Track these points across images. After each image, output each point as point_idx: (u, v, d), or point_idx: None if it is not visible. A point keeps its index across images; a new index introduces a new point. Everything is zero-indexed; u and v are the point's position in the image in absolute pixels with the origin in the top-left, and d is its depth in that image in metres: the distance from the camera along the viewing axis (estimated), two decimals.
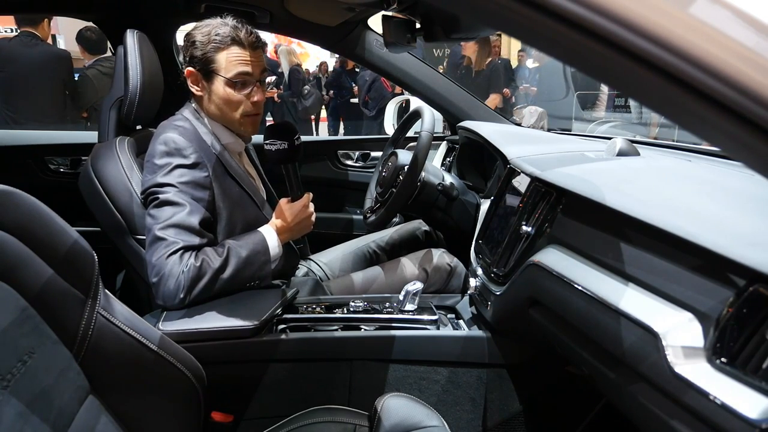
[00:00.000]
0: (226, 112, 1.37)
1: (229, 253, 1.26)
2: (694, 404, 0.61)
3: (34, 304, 0.70)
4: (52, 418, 0.69)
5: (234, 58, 1.32)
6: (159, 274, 1.19)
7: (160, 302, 1.21)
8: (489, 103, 4.62)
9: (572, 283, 0.87)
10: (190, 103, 1.41)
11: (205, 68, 1.33)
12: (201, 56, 1.32)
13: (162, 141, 1.29)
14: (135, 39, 1.39)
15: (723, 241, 0.64)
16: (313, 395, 1.25)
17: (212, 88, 1.35)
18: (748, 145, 0.38)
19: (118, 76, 1.42)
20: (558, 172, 1.10)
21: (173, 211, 1.22)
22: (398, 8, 1.26)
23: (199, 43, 1.32)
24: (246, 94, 1.35)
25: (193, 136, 1.32)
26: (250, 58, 1.33)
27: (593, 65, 0.41)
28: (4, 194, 0.69)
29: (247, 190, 1.41)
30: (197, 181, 1.28)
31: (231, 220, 1.34)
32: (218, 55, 1.32)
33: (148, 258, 1.21)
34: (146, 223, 1.24)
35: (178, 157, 1.27)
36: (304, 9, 1.82)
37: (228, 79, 1.32)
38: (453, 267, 1.67)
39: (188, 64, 1.35)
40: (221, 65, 1.32)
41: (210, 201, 1.30)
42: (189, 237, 1.22)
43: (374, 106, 6.15)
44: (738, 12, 0.38)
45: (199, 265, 1.20)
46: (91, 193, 1.34)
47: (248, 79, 1.34)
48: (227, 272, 1.24)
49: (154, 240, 1.21)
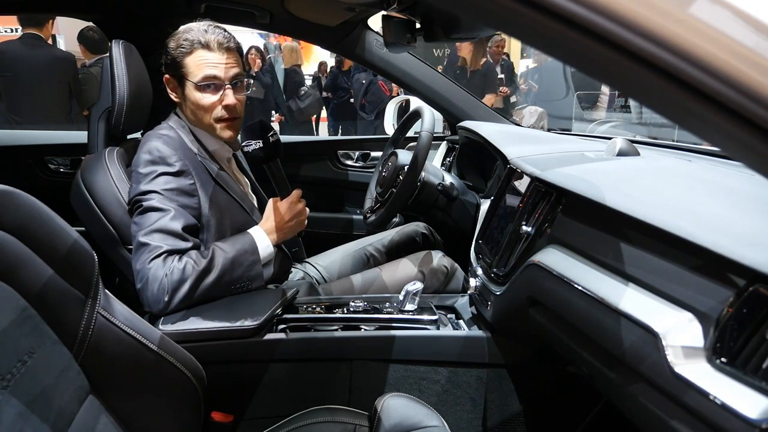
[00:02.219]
0: (200, 117, 1.35)
1: (214, 253, 1.25)
2: (694, 404, 0.61)
3: (34, 304, 0.70)
4: (52, 418, 0.69)
5: (200, 62, 1.30)
6: (143, 279, 1.18)
7: (146, 308, 1.20)
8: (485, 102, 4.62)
9: (572, 283, 0.87)
10: (175, 111, 1.41)
11: (176, 74, 1.33)
12: (171, 62, 1.32)
13: (146, 150, 1.28)
14: (121, 49, 1.39)
15: (723, 241, 0.64)
16: (313, 395, 1.25)
17: (186, 94, 1.34)
18: (748, 145, 0.38)
19: (105, 86, 1.42)
20: (558, 172, 1.10)
21: (157, 217, 1.21)
22: (398, 8, 1.26)
23: (171, 49, 1.32)
24: (217, 98, 1.32)
25: (177, 144, 1.31)
26: (218, 61, 1.31)
27: (593, 65, 0.41)
28: (4, 194, 0.69)
29: (235, 197, 1.39)
30: (182, 188, 1.27)
31: (220, 227, 1.33)
32: (186, 59, 1.31)
33: (133, 265, 1.20)
34: (132, 230, 1.24)
35: (162, 165, 1.26)
36: (304, 9, 1.82)
37: (195, 84, 1.31)
38: (450, 270, 1.67)
39: (165, 71, 1.35)
40: (189, 69, 1.31)
41: (196, 208, 1.29)
42: (173, 241, 1.21)
43: (372, 110, 6.11)
44: (738, 12, 0.38)
45: (182, 267, 1.18)
46: (82, 205, 1.33)
47: (217, 83, 1.31)
48: (213, 273, 1.22)
49: (138, 246, 1.20)
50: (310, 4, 1.77)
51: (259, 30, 2.89)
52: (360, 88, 6.29)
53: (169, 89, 1.37)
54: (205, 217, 1.31)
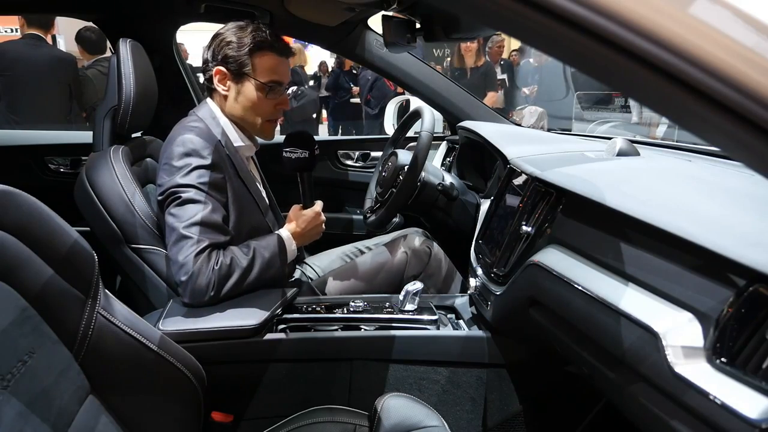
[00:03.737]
0: (250, 114, 1.38)
1: (255, 253, 1.28)
2: (694, 404, 0.61)
3: (34, 304, 0.70)
4: (52, 418, 0.69)
5: (271, 64, 1.34)
6: (188, 272, 1.19)
7: (186, 300, 1.22)
8: (486, 101, 4.62)
9: (572, 283, 0.87)
10: (206, 103, 1.41)
11: (238, 69, 1.34)
12: (236, 56, 1.33)
13: (179, 142, 1.28)
14: (128, 48, 1.39)
15: (723, 241, 0.64)
16: (313, 395, 1.25)
17: (241, 89, 1.36)
18: (748, 145, 0.38)
19: (111, 85, 1.42)
20: (558, 172, 1.10)
21: (196, 210, 1.23)
22: (398, 8, 1.26)
23: (235, 44, 1.33)
24: (273, 99, 1.37)
25: (208, 136, 1.32)
26: (285, 68, 1.37)
27: (593, 65, 0.41)
28: (4, 194, 0.69)
29: (254, 196, 1.41)
30: (215, 182, 1.29)
31: (238, 224, 1.34)
32: (254, 58, 1.33)
33: (174, 257, 1.22)
34: (167, 222, 1.25)
35: (196, 157, 1.27)
36: (304, 9, 1.82)
37: (261, 83, 1.34)
38: (432, 250, 1.70)
39: (219, 63, 1.35)
40: (256, 68, 1.33)
41: (225, 202, 1.31)
42: (214, 235, 1.24)
43: (376, 105, 6.16)
44: (738, 12, 0.38)
45: (229, 263, 1.23)
46: (86, 203, 1.34)
47: (279, 87, 1.37)
48: (254, 272, 1.27)
49: (179, 238, 1.21)
50: (310, 4, 1.77)
51: None
52: (366, 84, 6.35)
53: (216, 80, 1.36)
54: (229, 211, 1.33)
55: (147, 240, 1.32)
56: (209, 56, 1.37)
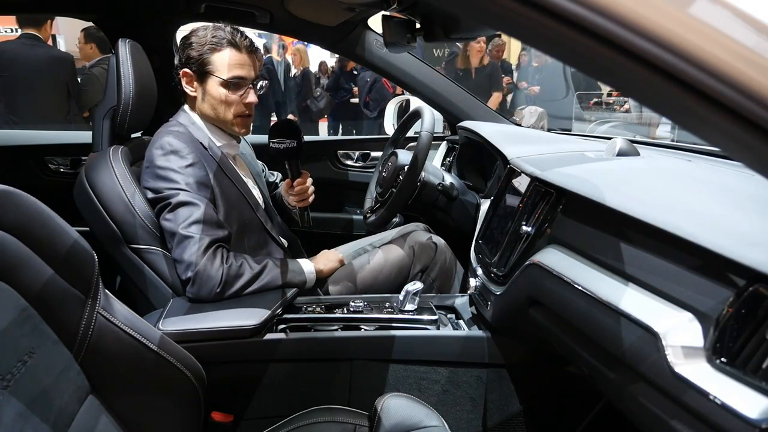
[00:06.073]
0: (219, 112, 1.41)
1: (267, 265, 1.35)
2: (694, 404, 0.61)
3: (34, 304, 0.70)
4: (52, 418, 0.69)
5: (229, 60, 1.37)
6: (195, 269, 1.24)
7: (191, 293, 1.26)
8: (491, 102, 4.63)
9: (572, 283, 0.87)
10: (183, 109, 1.45)
11: (200, 69, 1.38)
12: (197, 57, 1.37)
13: (159, 146, 1.33)
14: (127, 48, 1.40)
15: (723, 241, 0.64)
16: (313, 395, 1.25)
17: (207, 89, 1.40)
18: (748, 145, 0.38)
19: (110, 85, 1.43)
20: (558, 172, 1.10)
21: (189, 211, 1.28)
22: (398, 8, 1.26)
23: (196, 45, 1.37)
24: (240, 95, 1.40)
25: (187, 138, 1.36)
26: (245, 62, 1.39)
27: (594, 65, 0.41)
28: (4, 194, 0.69)
29: (243, 193, 1.45)
30: (200, 180, 1.33)
31: (227, 219, 1.38)
32: (213, 56, 1.36)
33: (179, 257, 1.26)
34: (165, 228, 1.29)
35: (176, 158, 1.31)
36: (304, 9, 1.82)
37: (223, 80, 1.37)
38: (438, 244, 1.71)
39: (183, 65, 1.39)
40: (216, 66, 1.37)
41: (211, 199, 1.35)
42: (213, 231, 1.29)
43: (375, 107, 6.17)
44: (738, 12, 0.38)
45: (239, 264, 1.29)
46: (85, 203, 1.34)
47: (242, 82, 1.39)
48: (260, 281, 1.32)
49: (181, 239, 1.26)
50: (310, 4, 1.77)
51: (259, 30, 2.89)
52: (365, 86, 6.35)
53: (184, 83, 1.41)
54: (217, 207, 1.36)
55: (146, 240, 1.32)
56: (176, 60, 1.42)
